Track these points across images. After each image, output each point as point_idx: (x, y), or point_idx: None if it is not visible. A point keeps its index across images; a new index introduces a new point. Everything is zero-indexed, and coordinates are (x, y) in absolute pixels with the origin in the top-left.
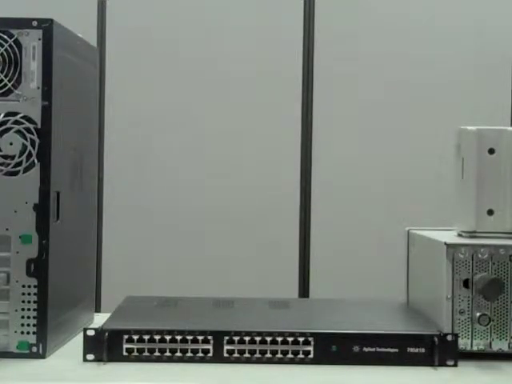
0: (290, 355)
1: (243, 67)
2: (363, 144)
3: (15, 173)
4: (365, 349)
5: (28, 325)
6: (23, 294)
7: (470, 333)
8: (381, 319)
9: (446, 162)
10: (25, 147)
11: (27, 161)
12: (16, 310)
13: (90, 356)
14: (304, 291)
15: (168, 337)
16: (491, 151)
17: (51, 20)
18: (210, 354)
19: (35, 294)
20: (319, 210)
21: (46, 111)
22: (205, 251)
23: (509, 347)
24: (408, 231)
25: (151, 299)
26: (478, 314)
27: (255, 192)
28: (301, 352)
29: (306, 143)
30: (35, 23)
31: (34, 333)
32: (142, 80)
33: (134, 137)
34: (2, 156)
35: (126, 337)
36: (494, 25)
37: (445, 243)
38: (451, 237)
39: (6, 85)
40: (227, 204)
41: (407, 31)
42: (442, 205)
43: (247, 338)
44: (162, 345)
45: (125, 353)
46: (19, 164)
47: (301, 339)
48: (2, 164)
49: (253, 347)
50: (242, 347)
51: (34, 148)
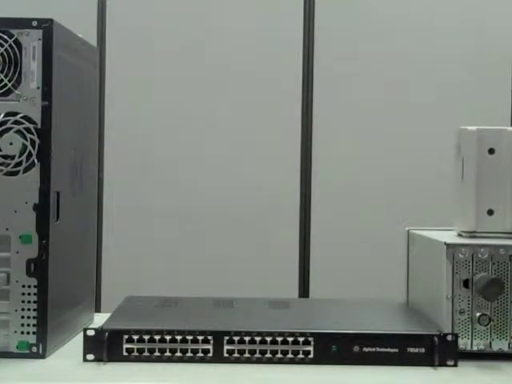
0: (290, 355)
1: (243, 67)
2: (363, 144)
3: (15, 173)
4: (365, 349)
5: (28, 325)
6: (23, 294)
7: (470, 333)
8: (381, 319)
9: (446, 162)
10: (25, 147)
11: (27, 161)
12: (16, 310)
13: (90, 356)
14: (304, 291)
15: (168, 337)
16: (491, 151)
17: (51, 20)
18: (210, 354)
19: (35, 294)
20: (319, 210)
21: (46, 111)
22: (205, 251)
23: (509, 347)
24: (408, 231)
25: (151, 299)
26: (478, 314)
27: (255, 192)
28: (301, 352)
29: (306, 143)
30: (35, 23)
31: (34, 333)
32: (142, 80)
33: (134, 137)
34: (2, 156)
35: (126, 337)
36: (494, 25)
37: (445, 243)
38: (451, 237)
39: (6, 85)
40: (227, 204)
41: (407, 31)
42: (442, 205)
43: (247, 338)
44: (162, 345)
45: (125, 353)
46: (19, 164)
47: (301, 339)
48: (2, 164)
49: (253, 347)
50: (242, 347)
51: (34, 148)
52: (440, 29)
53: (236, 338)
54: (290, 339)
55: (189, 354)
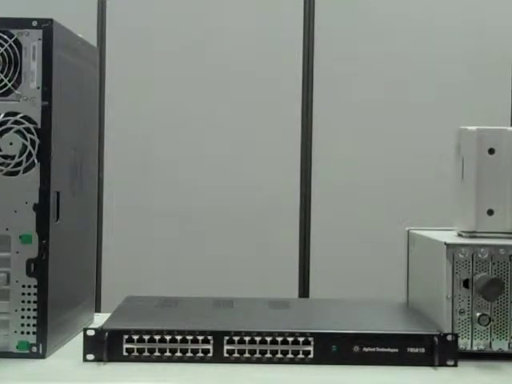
0: (290, 355)
1: (243, 67)
2: (363, 144)
3: (15, 173)
4: (365, 349)
5: (28, 325)
6: (23, 294)
7: (470, 333)
8: (381, 319)
9: (446, 162)
10: (25, 147)
11: (27, 161)
12: (16, 310)
13: (90, 356)
14: (304, 291)
15: (168, 337)
16: (491, 151)
17: (51, 20)
18: (210, 354)
19: (35, 294)
20: (319, 210)
21: (46, 111)
22: (205, 251)
23: (509, 347)
24: (408, 231)
25: (151, 299)
26: (478, 314)
27: (255, 192)
28: (301, 352)
29: (306, 143)
30: (35, 23)
31: (34, 333)
32: (142, 80)
33: (134, 137)
34: (2, 156)
35: (126, 337)
36: (494, 25)
37: (445, 243)
38: (451, 237)
39: (6, 85)
40: (227, 204)
41: (407, 31)
42: (442, 205)
43: (247, 338)
44: (162, 345)
45: (125, 353)
46: (19, 164)
47: (301, 339)
48: (2, 164)
49: (253, 347)
50: (242, 347)
51: (34, 148)
52: (440, 29)
53: (236, 338)
54: (290, 339)
55: (189, 354)
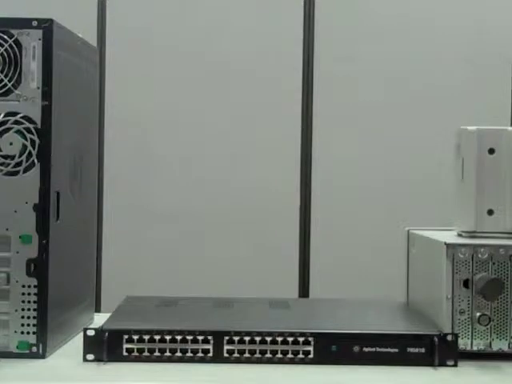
0: (290, 355)
1: (243, 67)
2: (363, 144)
3: (15, 173)
4: (365, 349)
5: (28, 325)
6: (23, 294)
7: (470, 333)
8: (381, 319)
9: (446, 162)
10: (25, 147)
11: (27, 161)
12: (16, 310)
13: (90, 356)
14: (304, 291)
15: (168, 337)
16: (491, 151)
17: (51, 20)
18: (210, 354)
19: (35, 294)
20: (319, 211)
21: (46, 111)
22: (205, 251)
23: (509, 347)
24: (408, 231)
25: (151, 299)
26: (478, 314)
27: (255, 192)
28: (301, 352)
29: (306, 143)
30: (35, 23)
31: (34, 333)
32: (142, 80)
33: (134, 137)
34: (2, 156)
35: (126, 337)
36: (494, 25)
37: (445, 243)
38: (451, 237)
39: (6, 85)
40: (227, 204)
41: (407, 31)
42: (442, 205)
43: (247, 338)
44: (162, 345)
45: (125, 353)
46: (19, 164)
47: (301, 339)
48: (2, 164)
49: (253, 347)
50: (242, 347)
51: (34, 148)
52: (440, 29)
53: (236, 338)
54: (290, 339)
55: (189, 354)
